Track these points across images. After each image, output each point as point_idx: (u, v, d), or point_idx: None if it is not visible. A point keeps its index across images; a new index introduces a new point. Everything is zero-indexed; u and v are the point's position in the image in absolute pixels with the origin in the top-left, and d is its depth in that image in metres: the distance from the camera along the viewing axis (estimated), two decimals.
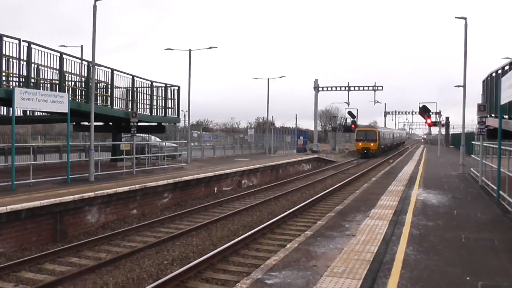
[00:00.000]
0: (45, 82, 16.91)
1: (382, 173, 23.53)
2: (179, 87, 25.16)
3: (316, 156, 40.66)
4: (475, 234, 8.96)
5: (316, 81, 51.59)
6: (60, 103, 15.43)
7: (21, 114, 19.05)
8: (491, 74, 17.36)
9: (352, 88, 52.21)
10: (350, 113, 60.75)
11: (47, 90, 16.55)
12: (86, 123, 21.13)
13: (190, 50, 27.84)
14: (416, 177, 20.31)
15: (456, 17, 22.51)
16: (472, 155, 21.48)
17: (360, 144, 51.01)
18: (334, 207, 14.27)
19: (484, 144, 17.00)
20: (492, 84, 16.98)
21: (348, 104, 55.25)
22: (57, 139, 34.18)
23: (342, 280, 6.13)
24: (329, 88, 52.47)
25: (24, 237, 11.16)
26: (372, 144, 50.25)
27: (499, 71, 15.26)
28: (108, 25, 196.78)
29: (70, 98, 16.43)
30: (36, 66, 16.12)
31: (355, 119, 61.23)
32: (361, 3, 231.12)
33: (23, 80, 15.54)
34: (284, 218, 14.28)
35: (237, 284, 6.23)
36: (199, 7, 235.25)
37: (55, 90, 16.64)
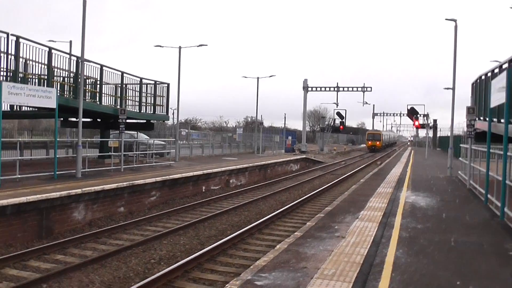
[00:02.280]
0: (33, 77, 16.67)
1: (370, 175, 23.59)
2: (168, 84, 24.99)
3: (304, 156, 40.71)
4: (464, 237, 8.98)
5: (305, 81, 51.61)
6: (48, 98, 15.21)
7: (8, 108, 18.72)
8: (480, 77, 17.46)
9: (341, 89, 52.25)
10: (338, 113, 61.05)
11: (35, 85, 16.31)
12: (74, 119, 20.87)
13: (180, 48, 27.67)
14: (405, 179, 20.39)
15: (446, 19, 22.66)
16: (460, 158, 21.63)
17: (369, 142, 70.39)
18: (323, 208, 14.27)
19: (473, 147, 17.11)
20: (481, 87, 17.08)
21: (337, 105, 55.47)
22: (44, 134, 33.80)
23: (333, 283, 6.08)
24: (318, 89, 52.49)
25: (9, 233, 10.97)
26: (378, 143, 69.78)
27: (489, 74, 15.36)
28: (101, 24, 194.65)
29: (58, 94, 16.20)
30: (24, 60, 15.87)
31: (344, 120, 61.53)
32: (351, 4, 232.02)
33: (11, 74, 15.28)
34: (272, 218, 14.22)
35: (227, 285, 6.16)
36: (190, 6, 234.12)
37: (43, 85, 16.40)
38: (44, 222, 11.93)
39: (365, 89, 52.05)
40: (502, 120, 11.19)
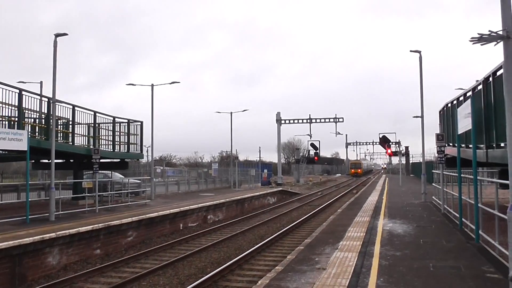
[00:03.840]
0: (3, 119, 16.42)
1: (347, 204, 23.74)
2: (142, 122, 24.96)
3: (281, 188, 40.75)
4: (442, 262, 9.09)
5: (278, 114, 52.18)
6: (19, 141, 14.97)
7: None
8: (447, 105, 18.06)
9: (314, 120, 52.93)
10: (312, 145, 61.53)
11: (5, 127, 16.06)
12: (46, 161, 20.57)
13: (152, 85, 27.78)
14: (381, 207, 20.60)
15: (411, 51, 23.49)
16: (433, 184, 22.03)
17: (352, 170, 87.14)
18: (302, 240, 14.25)
19: (444, 173, 17.50)
20: (448, 114, 17.64)
21: (311, 136, 55.94)
22: (14, 177, 32.95)
23: None
24: (292, 121, 53.08)
25: None
26: (359, 170, 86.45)
27: (454, 102, 15.91)
28: (76, 66, 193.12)
29: (29, 136, 15.98)
30: None
31: (318, 151, 62.03)
32: (320, 36, 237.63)
33: None
34: (252, 253, 14.11)
35: None
36: (162, 44, 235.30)
37: (14, 128, 16.16)
38: (16, 269, 11.54)
39: (337, 119, 52.84)
40: (470, 146, 11.53)
